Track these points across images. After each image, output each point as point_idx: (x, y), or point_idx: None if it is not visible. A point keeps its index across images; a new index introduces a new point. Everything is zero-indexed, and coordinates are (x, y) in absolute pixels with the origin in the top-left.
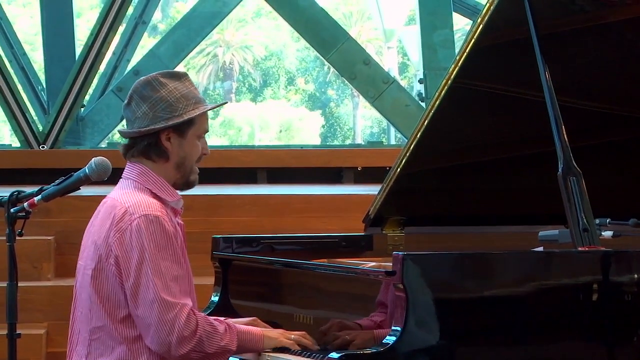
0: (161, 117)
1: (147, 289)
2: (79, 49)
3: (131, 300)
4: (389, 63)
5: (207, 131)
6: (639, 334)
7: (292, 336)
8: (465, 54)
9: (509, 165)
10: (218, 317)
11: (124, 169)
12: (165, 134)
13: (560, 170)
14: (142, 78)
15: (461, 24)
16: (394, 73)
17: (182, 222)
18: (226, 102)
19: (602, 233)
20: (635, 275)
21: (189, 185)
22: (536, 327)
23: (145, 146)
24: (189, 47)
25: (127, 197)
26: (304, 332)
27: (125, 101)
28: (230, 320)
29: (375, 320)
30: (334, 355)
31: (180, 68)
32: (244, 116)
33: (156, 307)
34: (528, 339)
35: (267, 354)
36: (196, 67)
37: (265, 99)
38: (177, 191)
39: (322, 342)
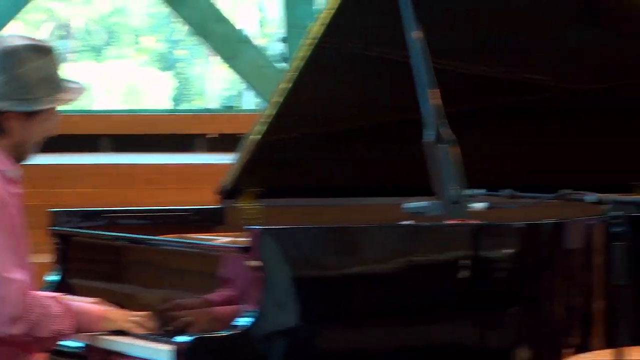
0: (11, 97)
1: None
2: None
3: None
4: (245, 20)
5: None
6: (512, 312)
7: (135, 319)
8: (328, 11)
9: (378, 133)
10: (55, 295)
11: None
12: (9, 114)
13: (426, 137)
14: (5, 43)
15: None
16: (252, 30)
17: (20, 192)
18: (84, 89)
19: (476, 205)
20: (508, 250)
21: (22, 160)
22: (403, 307)
23: None
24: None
25: None
26: (149, 313)
27: None
28: (75, 298)
29: (226, 295)
30: (186, 338)
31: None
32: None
33: None
34: (395, 319)
35: (103, 336)
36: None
37: (109, 58)
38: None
39: (163, 324)
